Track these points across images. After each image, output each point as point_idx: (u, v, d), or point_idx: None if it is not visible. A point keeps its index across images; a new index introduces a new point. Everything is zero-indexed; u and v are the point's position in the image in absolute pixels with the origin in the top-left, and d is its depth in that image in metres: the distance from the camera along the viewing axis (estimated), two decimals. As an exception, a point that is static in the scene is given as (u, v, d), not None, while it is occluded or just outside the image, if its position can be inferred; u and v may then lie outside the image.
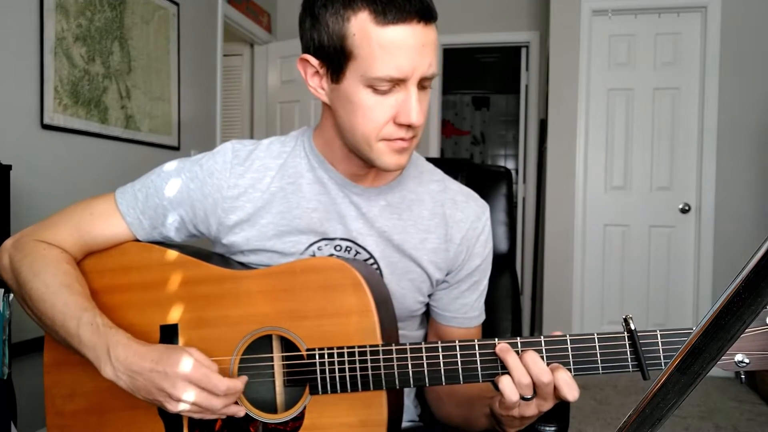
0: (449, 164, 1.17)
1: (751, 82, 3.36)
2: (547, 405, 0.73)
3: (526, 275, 4.25)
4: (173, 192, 0.89)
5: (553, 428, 0.99)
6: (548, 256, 3.66)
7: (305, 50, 0.83)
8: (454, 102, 7.24)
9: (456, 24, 4.10)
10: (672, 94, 3.52)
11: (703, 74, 3.44)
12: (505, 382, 0.71)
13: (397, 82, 0.77)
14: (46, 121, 2.24)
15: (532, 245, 4.14)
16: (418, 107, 0.77)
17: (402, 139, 0.80)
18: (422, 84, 0.79)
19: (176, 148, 3.13)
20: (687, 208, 3.50)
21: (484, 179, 1.27)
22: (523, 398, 0.71)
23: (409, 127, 0.79)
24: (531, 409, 0.73)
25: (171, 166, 0.91)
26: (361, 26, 0.75)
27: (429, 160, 1.03)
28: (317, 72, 0.82)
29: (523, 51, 4.36)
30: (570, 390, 0.70)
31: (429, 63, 0.77)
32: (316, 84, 0.83)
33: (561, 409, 1.00)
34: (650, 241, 3.57)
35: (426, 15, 0.76)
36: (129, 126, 2.73)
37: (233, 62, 4.42)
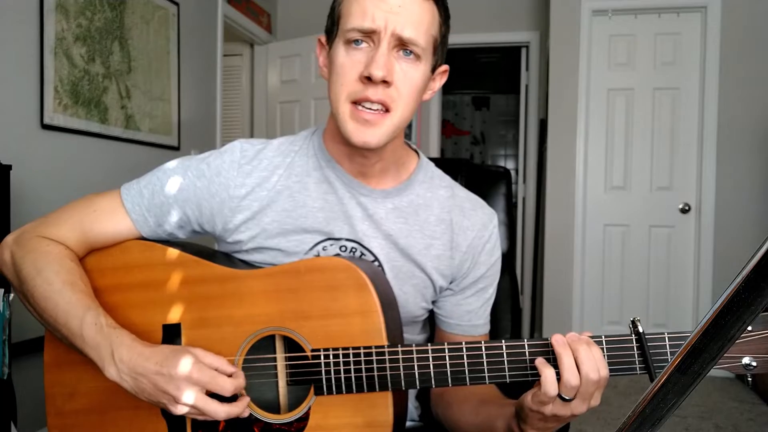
0: (449, 164, 1.16)
1: (751, 82, 3.36)
2: (582, 408, 0.71)
3: (526, 275, 4.25)
4: (180, 190, 0.87)
5: (553, 428, 0.99)
6: (548, 256, 3.66)
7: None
8: (454, 102, 7.23)
9: (456, 24, 4.04)
10: (672, 94, 3.52)
11: (703, 74, 3.44)
12: (548, 375, 0.69)
13: (370, 36, 0.78)
14: (46, 121, 2.24)
15: (532, 245, 4.14)
16: (382, 61, 0.77)
17: (367, 101, 0.78)
18: (403, 48, 0.79)
19: (176, 148, 3.13)
20: (687, 208, 3.50)
21: (484, 179, 1.27)
22: (561, 397, 0.69)
23: (372, 82, 0.77)
24: (564, 410, 0.70)
25: (178, 163, 0.90)
26: None
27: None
28: (324, 49, 0.87)
29: (523, 51, 4.35)
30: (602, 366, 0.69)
31: (404, 23, 0.77)
32: (323, 63, 0.88)
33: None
34: (650, 241, 3.57)
35: None
36: (129, 126, 2.73)
37: (233, 62, 4.41)
